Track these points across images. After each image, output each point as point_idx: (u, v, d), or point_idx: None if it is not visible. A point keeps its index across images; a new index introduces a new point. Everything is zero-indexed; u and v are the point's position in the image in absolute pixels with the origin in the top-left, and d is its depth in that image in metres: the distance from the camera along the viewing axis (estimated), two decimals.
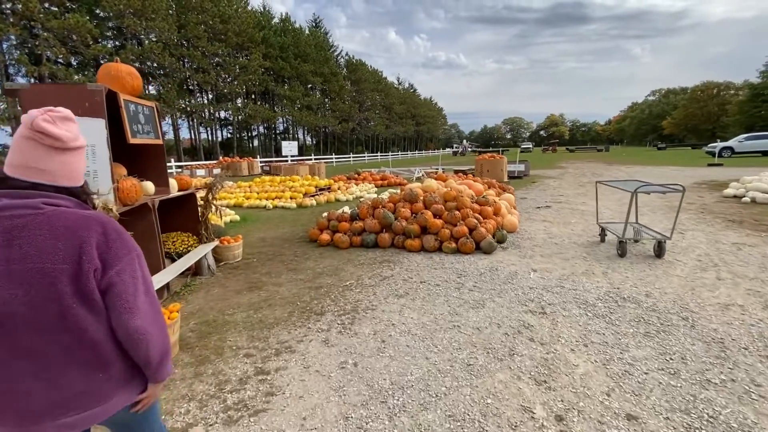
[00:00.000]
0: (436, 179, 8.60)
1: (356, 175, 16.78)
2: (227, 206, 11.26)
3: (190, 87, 36.16)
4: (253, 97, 43.36)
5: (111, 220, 1.10)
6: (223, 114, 40.95)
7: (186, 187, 5.01)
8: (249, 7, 39.98)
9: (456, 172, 19.37)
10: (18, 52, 22.70)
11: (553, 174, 18.68)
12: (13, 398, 1.00)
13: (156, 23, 27.96)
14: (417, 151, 77.60)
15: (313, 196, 11.83)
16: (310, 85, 48.06)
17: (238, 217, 8.67)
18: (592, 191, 11.76)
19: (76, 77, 24.67)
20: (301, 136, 53.56)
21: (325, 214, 7.21)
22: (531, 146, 67.12)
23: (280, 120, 48.48)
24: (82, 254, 1.01)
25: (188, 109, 34.75)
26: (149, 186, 4.19)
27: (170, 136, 37.53)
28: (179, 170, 24.05)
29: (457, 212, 5.58)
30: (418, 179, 18.40)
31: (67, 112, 1.10)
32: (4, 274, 0.95)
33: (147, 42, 28.45)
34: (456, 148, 74.20)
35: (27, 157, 1.03)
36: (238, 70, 36.87)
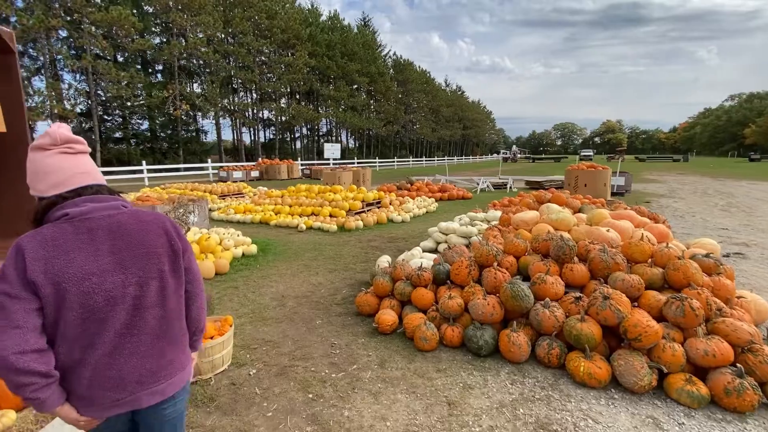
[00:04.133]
0: (550, 201, 5.47)
1: (409, 185, 13.89)
2: (251, 222, 8.79)
3: (234, 86, 35.09)
4: (297, 97, 41.91)
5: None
6: (266, 114, 39.74)
7: None
8: (297, 4, 38.53)
9: (532, 184, 15.98)
10: (65, 47, 22.18)
11: (658, 190, 14.72)
12: (115, 372, 1.15)
13: (201, 18, 26.80)
14: (464, 157, 73.50)
15: (359, 213, 9.08)
16: (355, 86, 45.92)
17: (254, 249, 6.04)
18: (758, 221, 8.05)
19: (123, 73, 23.86)
20: (344, 138, 51.68)
21: (383, 262, 4.36)
22: (591, 154, 60.80)
23: (324, 121, 46.79)
24: (170, 240, 1.25)
25: (231, 107, 33.63)
26: None
27: (213, 136, 36.85)
28: (215, 171, 22.42)
29: (691, 303, 2.47)
30: (483, 191, 15.20)
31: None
32: (117, 262, 1.14)
33: (192, 37, 27.38)
34: (505, 153, 69.46)
35: (66, 168, 1.15)
36: (283, 69, 35.35)
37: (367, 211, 9.37)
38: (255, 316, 3.79)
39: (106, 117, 28.57)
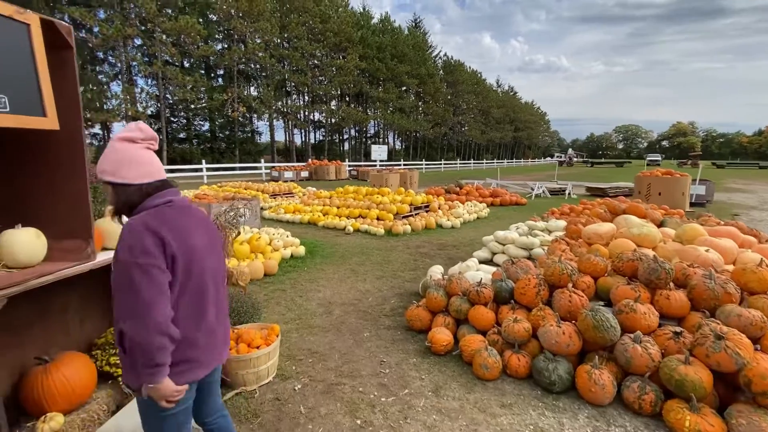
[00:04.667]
0: (626, 211, 4.85)
1: (458, 189, 13.40)
2: (300, 222, 8.86)
3: (288, 89, 36.34)
4: (347, 99, 42.60)
5: None
6: (316, 116, 40.81)
7: None
8: (349, 7, 39.18)
9: (594, 191, 14.86)
10: (139, 54, 24.20)
11: (746, 201, 13.00)
12: (217, 337, 1.42)
13: (260, 24, 28.03)
14: (514, 160, 70.76)
15: (406, 217, 8.82)
16: (404, 87, 45.83)
17: (302, 250, 6.00)
18: None
19: (188, 78, 25.53)
20: (390, 140, 51.73)
21: (436, 273, 4.06)
22: (659, 159, 55.84)
23: (372, 123, 47.16)
24: (219, 233, 1.51)
25: (284, 110, 34.87)
26: (24, 244, 1.58)
27: (267, 137, 38.46)
28: (267, 171, 23.27)
29: None
30: (538, 197, 14.32)
31: None
32: (209, 246, 1.36)
33: (250, 43, 28.72)
34: (560, 157, 65.95)
35: (153, 161, 1.30)
36: (334, 71, 36.07)
37: (415, 215, 9.09)
38: (301, 323, 3.65)
39: (172, 118, 30.77)
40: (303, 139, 41.54)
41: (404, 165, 35.02)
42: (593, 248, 3.54)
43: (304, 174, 23.14)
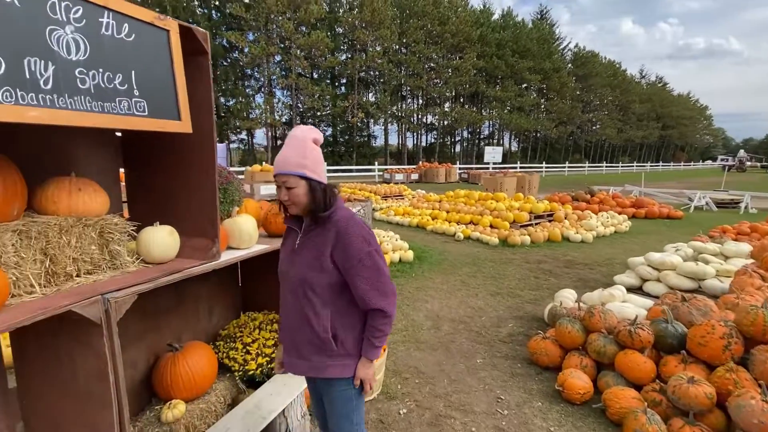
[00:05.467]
0: None
1: (588, 196, 11.69)
2: (408, 225, 8.78)
3: (403, 93, 37.21)
4: (461, 100, 41.69)
5: None
6: (429, 119, 40.92)
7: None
8: (469, 7, 38.21)
9: None
10: (278, 68, 27.67)
11: None
12: None
13: (381, 32, 29.29)
14: (660, 163, 59.81)
15: (525, 226, 7.97)
16: (525, 85, 42.73)
17: (411, 255, 5.82)
18: None
19: (316, 88, 28.20)
20: (506, 141, 48.83)
21: (567, 299, 3.43)
22: None
23: (486, 124, 45.22)
24: None
25: (398, 114, 35.81)
26: (158, 241, 1.69)
27: (381, 140, 40.14)
28: (380, 173, 24.15)
29: None
30: (699, 210, 11.62)
31: None
32: None
33: (371, 50, 30.22)
34: (725, 160, 53.41)
35: None
36: (449, 73, 35.62)
37: (536, 224, 8.16)
38: (408, 335, 3.44)
39: (302, 125, 34.42)
40: (414, 141, 42.13)
41: (520, 168, 32.63)
42: None
43: (414, 176, 23.33)
